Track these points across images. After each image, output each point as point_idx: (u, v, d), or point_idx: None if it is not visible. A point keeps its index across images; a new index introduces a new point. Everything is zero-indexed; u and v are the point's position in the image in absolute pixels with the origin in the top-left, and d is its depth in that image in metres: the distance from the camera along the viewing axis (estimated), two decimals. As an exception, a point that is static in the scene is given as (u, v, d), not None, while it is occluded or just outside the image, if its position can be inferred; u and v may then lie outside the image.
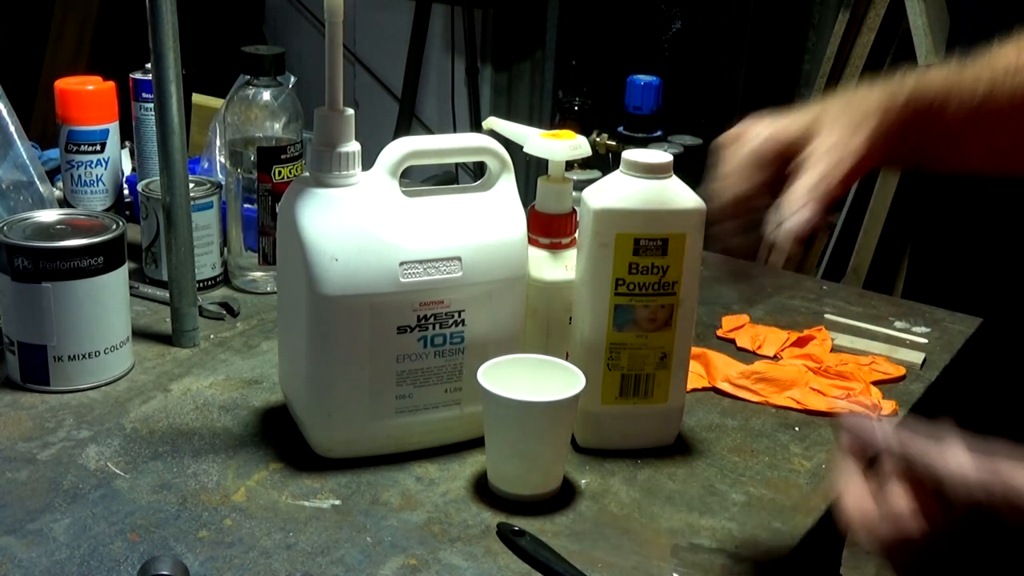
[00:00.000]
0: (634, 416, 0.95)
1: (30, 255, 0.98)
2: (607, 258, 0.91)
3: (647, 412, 0.96)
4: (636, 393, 0.95)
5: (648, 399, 0.95)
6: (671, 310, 0.93)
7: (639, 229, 0.90)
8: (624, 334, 0.93)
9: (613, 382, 0.94)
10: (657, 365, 0.94)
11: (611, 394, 0.95)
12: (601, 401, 0.94)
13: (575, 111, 1.25)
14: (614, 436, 0.96)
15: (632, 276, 0.91)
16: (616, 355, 0.93)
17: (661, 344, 0.94)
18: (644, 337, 0.93)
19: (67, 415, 0.99)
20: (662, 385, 0.95)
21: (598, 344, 0.93)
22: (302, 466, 0.92)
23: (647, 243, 0.91)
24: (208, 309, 1.18)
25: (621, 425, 0.96)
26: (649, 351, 0.94)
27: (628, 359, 0.94)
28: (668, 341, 0.94)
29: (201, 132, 1.52)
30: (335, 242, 0.86)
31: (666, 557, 0.83)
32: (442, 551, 0.82)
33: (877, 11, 2.39)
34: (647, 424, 0.97)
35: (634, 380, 0.94)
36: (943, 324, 1.28)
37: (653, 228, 0.90)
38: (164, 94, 1.05)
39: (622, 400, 0.95)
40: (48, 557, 0.79)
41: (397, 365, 0.90)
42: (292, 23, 3.49)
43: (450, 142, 0.94)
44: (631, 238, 0.90)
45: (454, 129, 3.25)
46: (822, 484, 0.94)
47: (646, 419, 0.96)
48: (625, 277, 0.91)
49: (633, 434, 0.96)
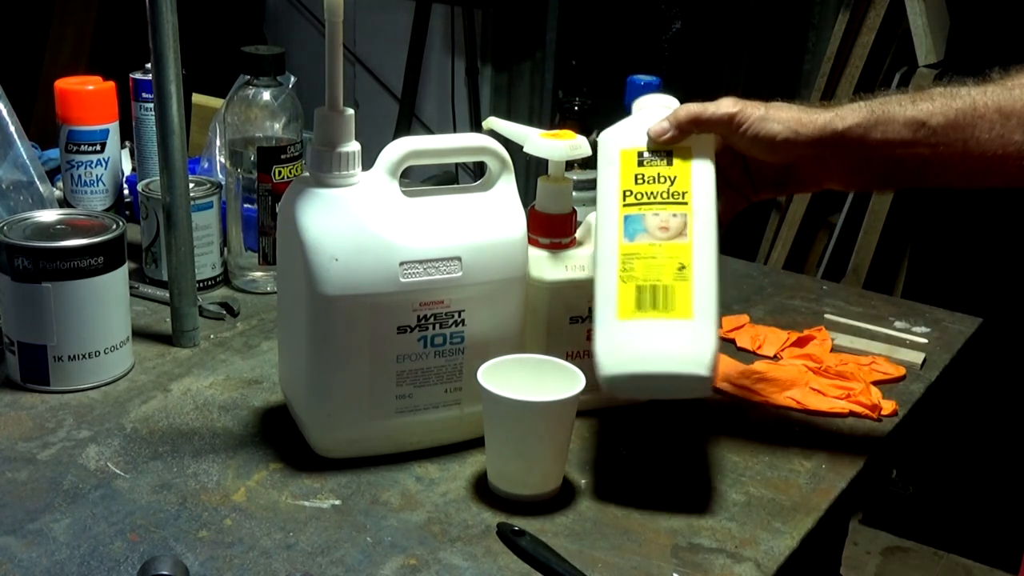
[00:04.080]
0: (657, 333, 0.86)
1: (30, 255, 0.98)
2: (613, 173, 0.92)
3: (671, 328, 0.86)
4: (655, 306, 0.87)
5: (669, 312, 0.86)
6: (684, 220, 0.90)
7: (642, 145, 0.93)
8: (636, 244, 0.89)
9: (628, 294, 0.87)
10: (676, 276, 0.87)
11: (628, 307, 0.87)
12: (618, 316, 0.87)
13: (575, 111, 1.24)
14: (636, 357, 0.86)
15: (639, 186, 0.91)
16: (629, 266, 0.88)
17: (677, 255, 0.88)
18: (658, 246, 0.89)
19: (67, 415, 0.99)
20: (683, 297, 0.86)
21: (611, 258, 0.89)
22: (302, 466, 0.92)
23: (651, 155, 0.92)
24: (208, 309, 1.18)
25: (643, 343, 0.86)
26: (665, 260, 0.88)
27: (642, 268, 0.88)
28: (684, 252, 0.88)
29: (201, 132, 1.52)
30: (335, 242, 0.86)
31: (666, 557, 0.83)
32: (442, 551, 0.82)
33: (877, 11, 2.39)
34: (672, 342, 0.86)
35: (651, 291, 0.87)
36: (943, 324, 1.28)
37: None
38: (164, 94, 1.05)
39: (640, 313, 0.86)
40: (48, 557, 0.79)
41: (397, 365, 0.90)
42: (292, 23, 3.49)
43: (450, 142, 0.94)
44: (635, 152, 0.92)
45: (454, 129, 3.25)
46: (822, 484, 0.94)
47: (671, 337, 0.86)
48: (632, 187, 0.91)
49: (657, 355, 0.86)
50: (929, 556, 2.39)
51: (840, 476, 0.95)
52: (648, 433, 1.01)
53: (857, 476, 0.96)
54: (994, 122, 0.86)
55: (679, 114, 0.93)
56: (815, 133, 0.90)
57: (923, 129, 0.88)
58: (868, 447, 1.01)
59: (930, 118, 0.88)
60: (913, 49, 2.32)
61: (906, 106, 0.89)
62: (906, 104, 0.89)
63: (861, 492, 0.98)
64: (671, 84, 1.25)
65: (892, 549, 2.41)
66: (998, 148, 0.86)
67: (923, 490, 2.41)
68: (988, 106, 0.86)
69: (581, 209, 1.02)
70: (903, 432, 1.06)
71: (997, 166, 0.87)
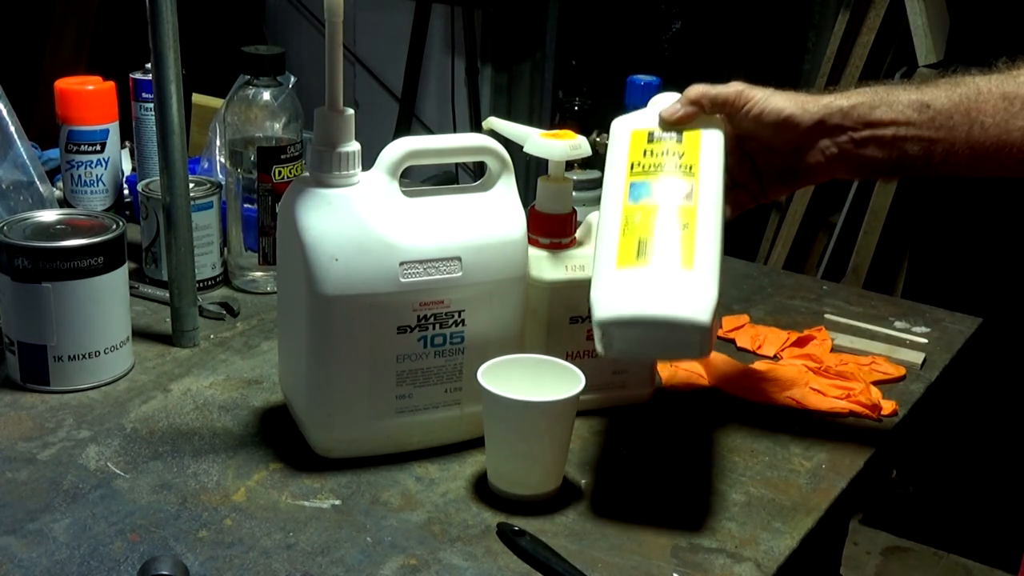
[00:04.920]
0: (655, 279, 0.83)
1: (30, 255, 0.98)
2: (623, 151, 0.93)
3: (670, 276, 0.83)
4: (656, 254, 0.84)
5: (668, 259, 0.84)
6: (691, 187, 0.89)
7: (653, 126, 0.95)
8: (640, 204, 0.88)
9: (629, 245, 0.85)
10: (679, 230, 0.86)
11: (628, 256, 0.84)
12: (617, 264, 0.84)
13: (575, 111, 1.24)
14: (634, 300, 0.82)
15: (647, 159, 0.92)
16: (631, 221, 0.86)
17: (681, 215, 0.86)
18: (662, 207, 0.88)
19: (67, 415, 0.99)
20: (685, 248, 0.84)
21: (614, 217, 0.88)
22: (302, 466, 0.92)
23: (661, 133, 0.94)
24: (208, 309, 1.18)
25: (640, 289, 0.82)
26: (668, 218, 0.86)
27: (645, 221, 0.86)
28: (689, 214, 0.86)
29: (201, 132, 1.52)
30: (335, 242, 0.86)
31: (666, 557, 0.83)
32: (442, 551, 0.82)
33: (877, 11, 2.39)
34: (671, 288, 0.82)
35: (653, 243, 0.84)
36: (943, 324, 1.28)
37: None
38: (164, 94, 1.05)
39: (640, 261, 0.83)
40: (48, 557, 0.79)
41: (397, 365, 0.90)
42: (292, 23, 3.49)
43: (450, 142, 0.94)
44: (645, 132, 0.94)
45: (454, 129, 3.25)
46: (822, 484, 0.94)
47: (669, 283, 0.83)
48: (640, 160, 0.92)
49: (655, 299, 0.82)
50: (929, 556, 2.39)
51: (840, 476, 0.95)
52: (648, 433, 1.01)
53: (857, 476, 0.96)
54: (998, 107, 0.86)
55: (688, 93, 0.95)
56: (820, 110, 0.91)
57: (927, 110, 0.88)
58: (868, 447, 1.01)
59: (934, 100, 0.88)
60: (913, 49, 2.32)
61: (911, 91, 0.90)
62: (911, 89, 0.91)
63: (861, 492, 0.98)
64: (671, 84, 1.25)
65: (892, 549, 2.41)
66: (1002, 133, 0.86)
67: (923, 490, 2.41)
68: (992, 92, 0.87)
69: (581, 209, 1.02)
70: (903, 432, 1.07)
71: (1001, 152, 0.87)
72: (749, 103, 0.93)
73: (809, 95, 0.93)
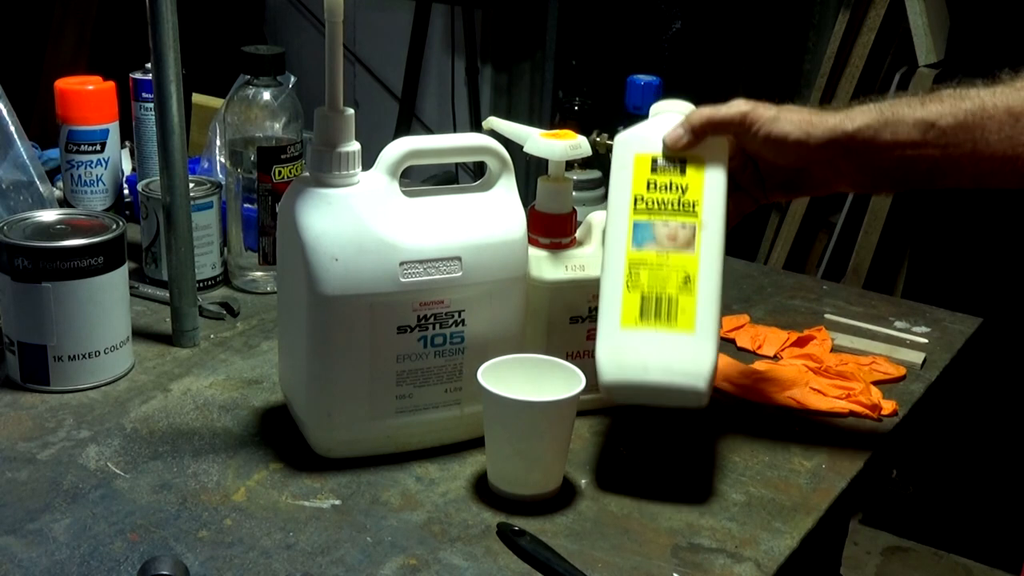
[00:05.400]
0: (658, 344, 0.88)
1: (30, 255, 0.98)
2: (626, 178, 0.92)
3: (672, 341, 0.88)
4: (658, 316, 0.88)
5: (671, 324, 0.88)
6: (693, 231, 0.91)
7: (657, 151, 0.93)
8: (643, 252, 0.90)
9: (633, 303, 0.89)
10: (680, 288, 0.89)
11: (631, 316, 0.89)
12: (621, 324, 0.89)
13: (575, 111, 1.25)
14: (637, 366, 0.88)
15: (650, 193, 0.92)
16: (635, 274, 0.90)
17: (683, 265, 0.90)
18: (665, 256, 0.90)
19: (67, 415, 0.99)
20: (687, 311, 0.88)
21: (618, 264, 0.91)
22: (302, 466, 0.92)
23: (665, 162, 0.92)
24: (208, 309, 1.18)
25: (644, 354, 0.88)
26: (671, 271, 0.90)
27: (648, 278, 0.89)
28: (691, 264, 0.90)
29: (201, 132, 1.52)
30: (335, 242, 0.86)
31: (666, 557, 0.83)
32: (442, 551, 0.82)
33: (877, 11, 2.39)
34: (673, 354, 0.88)
35: (655, 301, 0.89)
36: (943, 324, 1.28)
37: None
38: (164, 94, 1.05)
39: (643, 323, 0.88)
40: (48, 557, 0.79)
41: (397, 365, 0.90)
42: (292, 23, 3.49)
43: (450, 142, 0.94)
44: (649, 158, 0.93)
45: (454, 129, 3.25)
46: (822, 484, 0.94)
47: (671, 349, 0.88)
48: (643, 194, 0.92)
49: (657, 366, 0.88)
50: (929, 556, 2.39)
51: (840, 476, 0.95)
52: (648, 433, 1.01)
53: (857, 476, 0.96)
54: (1003, 123, 0.86)
55: (692, 118, 0.93)
56: (826, 134, 0.91)
57: (932, 130, 0.88)
58: (868, 447, 1.01)
59: (939, 119, 0.88)
60: (913, 49, 2.32)
61: (915, 108, 0.89)
62: (915, 106, 0.89)
63: (861, 492, 0.98)
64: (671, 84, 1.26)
65: (892, 549, 2.41)
66: (1008, 149, 0.86)
67: (923, 490, 2.41)
68: (997, 107, 0.86)
69: (581, 209, 1.02)
70: (903, 432, 1.07)
71: (1007, 167, 0.87)
72: (754, 127, 0.92)
73: (814, 115, 0.92)
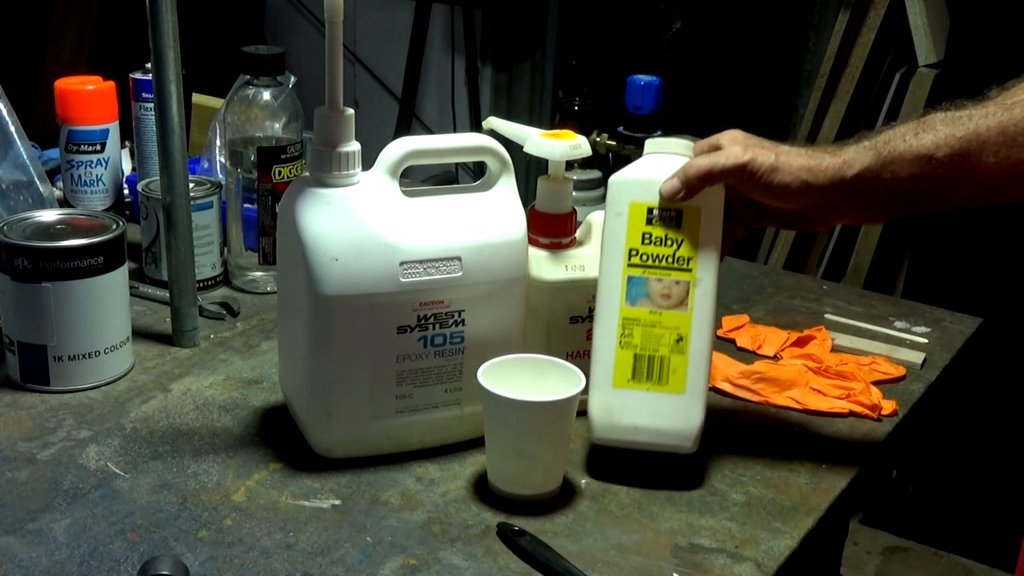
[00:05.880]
0: (649, 405, 0.91)
1: (30, 255, 0.98)
2: (621, 228, 0.92)
3: (662, 402, 0.91)
4: (650, 377, 0.91)
5: (663, 385, 0.91)
6: (687, 288, 0.91)
7: (653, 200, 0.92)
8: (637, 309, 0.91)
9: (626, 362, 0.91)
10: (672, 348, 0.91)
11: (624, 375, 0.91)
12: (614, 383, 0.91)
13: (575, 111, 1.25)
14: (627, 427, 0.92)
15: (645, 247, 0.91)
16: (629, 331, 0.91)
17: (676, 324, 0.91)
18: (658, 315, 0.91)
19: (67, 415, 0.99)
20: (678, 372, 0.91)
21: (611, 320, 0.92)
22: (302, 466, 0.92)
23: (661, 213, 0.92)
24: (208, 309, 1.18)
25: (634, 414, 0.91)
26: (664, 330, 0.91)
27: (641, 337, 0.91)
28: (684, 322, 0.91)
29: (201, 132, 1.52)
30: (335, 242, 0.86)
31: (666, 557, 0.83)
32: (442, 551, 0.82)
33: (877, 11, 2.39)
34: (662, 416, 0.91)
35: (647, 361, 0.91)
36: (943, 324, 1.28)
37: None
38: (164, 94, 1.05)
39: (635, 383, 0.91)
40: (48, 557, 0.79)
41: (397, 365, 0.90)
42: (292, 23, 3.49)
43: (450, 142, 0.94)
44: (644, 207, 0.92)
45: (454, 129, 3.25)
46: (822, 484, 0.94)
47: (661, 410, 0.91)
48: (638, 247, 0.91)
49: (647, 427, 0.91)
50: (929, 556, 2.39)
51: (840, 476, 0.95)
52: (648, 433, 1.01)
53: (857, 476, 0.96)
54: (999, 144, 0.86)
55: (689, 172, 0.91)
56: (826, 183, 0.90)
57: (930, 163, 0.88)
58: (868, 447, 1.01)
59: (936, 150, 0.88)
60: (913, 49, 2.32)
61: (910, 141, 0.89)
62: (910, 138, 0.89)
63: (861, 492, 0.98)
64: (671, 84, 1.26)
65: (892, 549, 2.40)
66: (1005, 170, 0.86)
67: (923, 490, 2.41)
68: (991, 128, 0.86)
69: (581, 209, 1.02)
70: (903, 432, 1.07)
71: (1005, 187, 0.87)
72: (753, 178, 0.91)
73: (812, 158, 0.91)
